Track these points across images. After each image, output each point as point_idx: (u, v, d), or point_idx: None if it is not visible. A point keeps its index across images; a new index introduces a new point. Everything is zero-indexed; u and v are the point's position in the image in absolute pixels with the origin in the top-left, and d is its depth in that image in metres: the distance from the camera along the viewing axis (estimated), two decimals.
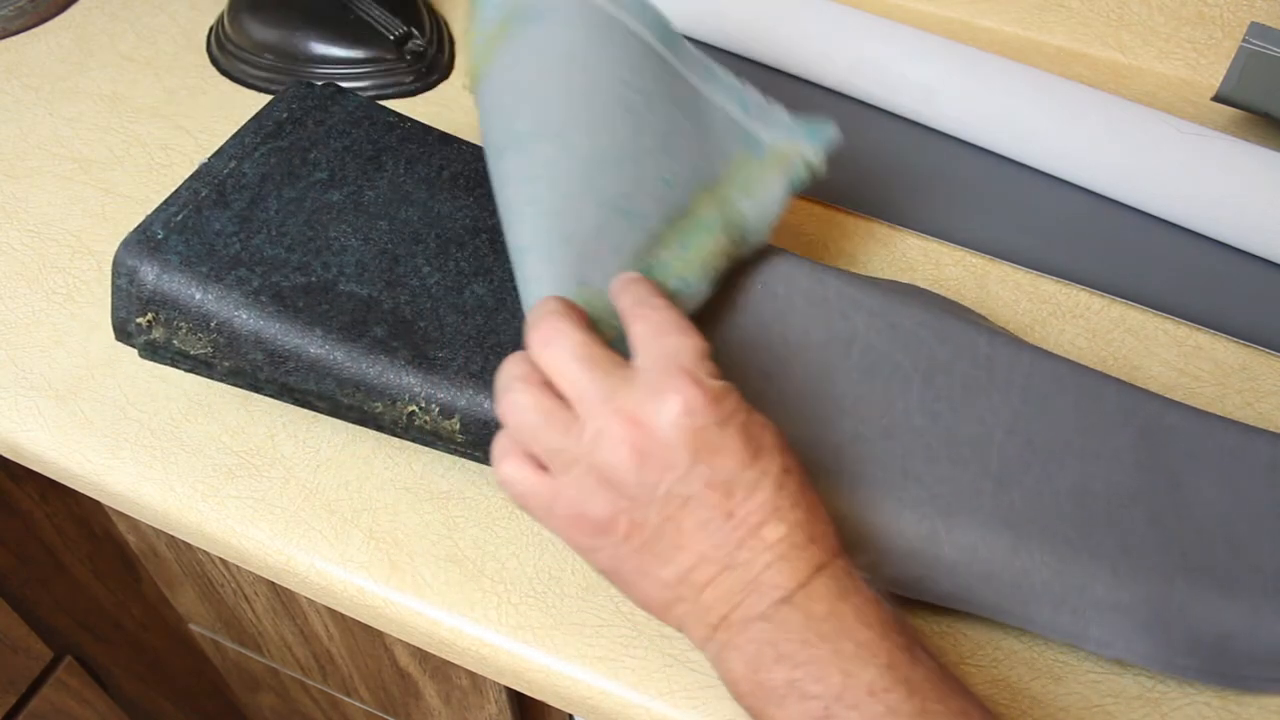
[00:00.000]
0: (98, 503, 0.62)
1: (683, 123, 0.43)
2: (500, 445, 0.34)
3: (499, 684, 0.55)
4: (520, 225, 0.38)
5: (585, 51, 0.42)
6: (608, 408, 0.31)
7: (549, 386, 0.33)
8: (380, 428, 0.41)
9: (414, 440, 0.41)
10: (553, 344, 0.33)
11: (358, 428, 0.44)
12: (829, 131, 0.44)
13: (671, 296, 0.38)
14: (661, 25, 0.45)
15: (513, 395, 0.33)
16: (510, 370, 0.33)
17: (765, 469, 0.31)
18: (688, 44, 0.45)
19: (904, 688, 0.29)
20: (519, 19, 0.43)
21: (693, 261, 0.39)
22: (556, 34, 0.42)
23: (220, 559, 0.58)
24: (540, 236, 0.38)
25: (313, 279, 0.41)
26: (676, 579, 0.32)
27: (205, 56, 0.62)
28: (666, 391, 0.31)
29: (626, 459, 0.31)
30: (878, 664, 0.30)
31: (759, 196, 0.43)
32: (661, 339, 0.33)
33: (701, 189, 0.42)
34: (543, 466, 0.33)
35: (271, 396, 0.42)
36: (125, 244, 0.40)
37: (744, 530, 0.31)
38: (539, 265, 0.37)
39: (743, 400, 0.32)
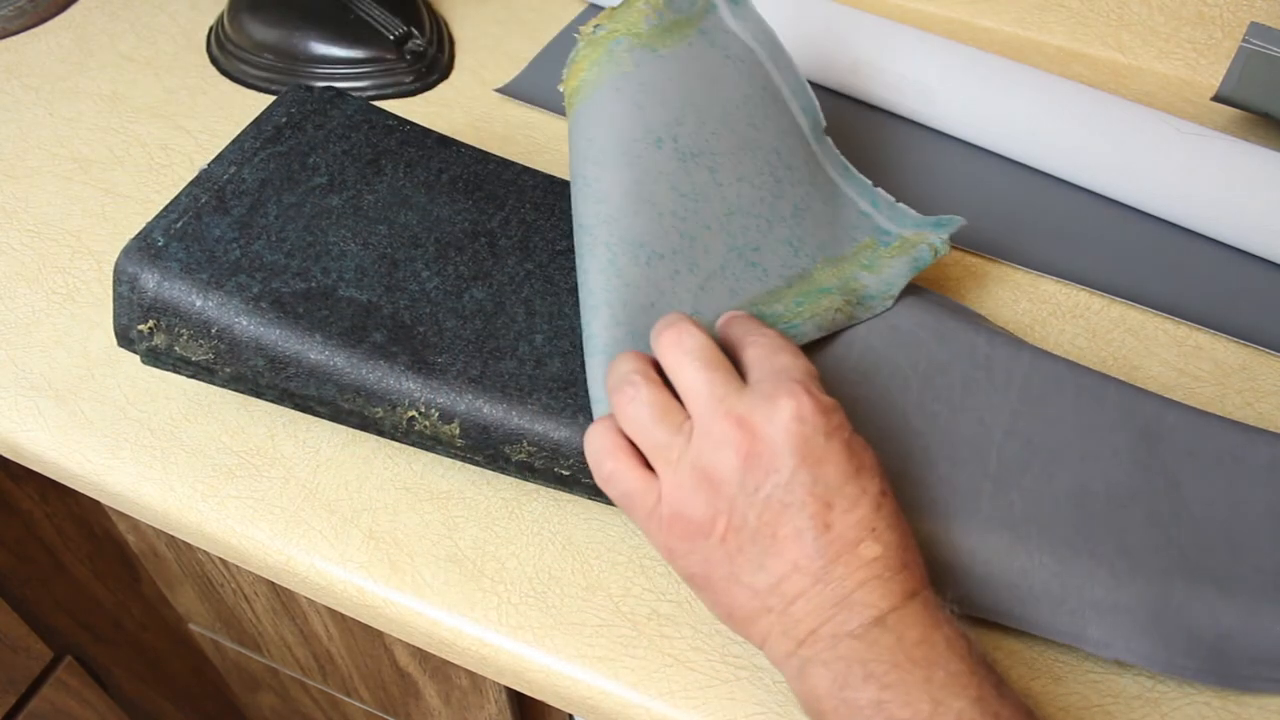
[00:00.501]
0: (98, 503, 0.62)
1: (817, 203, 0.45)
2: (605, 441, 0.34)
3: (499, 684, 0.55)
4: (653, 226, 0.39)
5: (753, 108, 0.44)
6: (720, 408, 0.32)
7: (666, 385, 0.34)
8: (381, 433, 0.41)
9: (414, 445, 0.41)
10: (681, 345, 0.33)
11: None
12: (957, 222, 0.45)
13: None
14: (814, 116, 0.47)
15: (632, 389, 0.33)
16: (629, 365, 0.34)
17: (865, 487, 0.32)
18: (830, 141, 0.47)
19: None
20: (707, 34, 0.45)
21: (804, 314, 0.41)
22: (737, 75, 0.44)
23: (220, 559, 0.58)
24: (673, 249, 0.39)
25: (312, 284, 0.41)
26: (768, 587, 0.32)
27: (205, 56, 0.62)
28: (779, 397, 0.32)
29: (732, 458, 0.31)
30: (969, 696, 0.30)
31: (882, 274, 0.44)
32: (774, 357, 0.34)
33: (825, 261, 0.43)
34: (645, 466, 0.33)
35: (273, 402, 0.42)
36: (126, 251, 0.40)
37: (840, 545, 0.31)
38: (667, 279, 0.38)
39: (847, 419, 0.33)
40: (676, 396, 0.34)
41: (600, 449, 0.34)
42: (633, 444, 0.34)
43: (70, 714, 0.73)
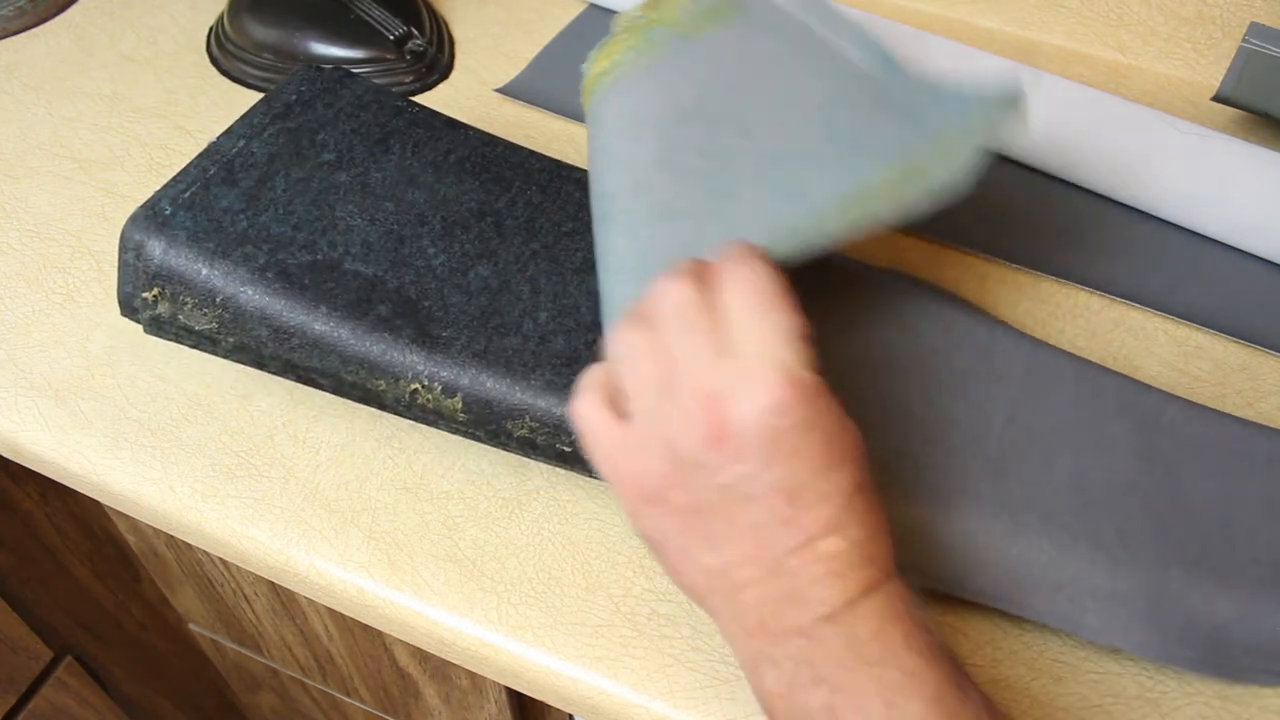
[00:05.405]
0: (98, 503, 0.62)
1: (885, 123, 0.41)
2: (589, 377, 0.33)
3: (499, 684, 0.55)
4: (677, 187, 0.38)
5: (796, 72, 0.42)
6: (696, 380, 0.29)
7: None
8: (383, 406, 0.41)
9: (416, 419, 0.41)
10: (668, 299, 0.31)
11: (359, 428, 0.44)
12: (1008, 92, 0.40)
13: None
14: (873, 50, 0.44)
15: (624, 333, 0.32)
16: (624, 333, 0.32)
17: (838, 483, 0.30)
18: (900, 68, 0.44)
19: None
20: (750, 14, 0.43)
21: (847, 220, 0.38)
22: (781, 49, 0.43)
23: (220, 559, 0.58)
24: (697, 207, 0.38)
25: (318, 257, 0.41)
26: (718, 569, 0.30)
27: (205, 56, 0.62)
28: (758, 382, 0.29)
29: (696, 438, 0.29)
30: (924, 696, 0.28)
31: (953, 158, 0.38)
32: (761, 314, 0.30)
33: (886, 172, 0.39)
34: (622, 411, 0.32)
35: (276, 374, 0.42)
36: (133, 219, 0.40)
37: (800, 539, 0.29)
38: (692, 236, 0.37)
39: (833, 400, 0.30)
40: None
41: (583, 383, 0.33)
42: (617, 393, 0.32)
43: (70, 714, 0.73)
